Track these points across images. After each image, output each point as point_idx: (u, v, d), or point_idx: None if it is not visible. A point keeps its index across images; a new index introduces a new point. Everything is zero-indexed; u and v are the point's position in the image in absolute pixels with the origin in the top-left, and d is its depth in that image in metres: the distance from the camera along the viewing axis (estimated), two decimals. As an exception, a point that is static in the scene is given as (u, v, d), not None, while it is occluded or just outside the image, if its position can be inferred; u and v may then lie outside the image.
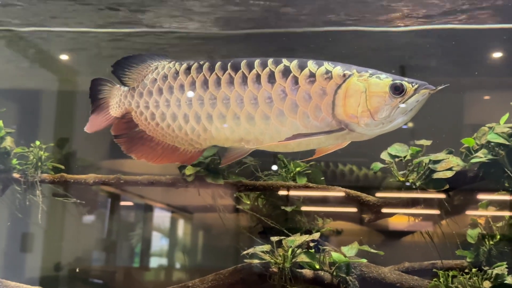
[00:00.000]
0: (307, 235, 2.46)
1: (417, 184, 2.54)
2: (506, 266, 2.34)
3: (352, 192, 2.67)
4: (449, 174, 2.50)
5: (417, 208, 2.65)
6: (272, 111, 1.99)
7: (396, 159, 2.57)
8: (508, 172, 2.45)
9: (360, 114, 1.92)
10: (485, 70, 3.26)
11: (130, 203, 3.67)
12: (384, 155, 2.56)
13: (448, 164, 2.52)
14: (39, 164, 2.78)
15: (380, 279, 2.57)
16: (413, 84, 1.92)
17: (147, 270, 3.72)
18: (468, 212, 2.70)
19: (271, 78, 1.99)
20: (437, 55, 3.19)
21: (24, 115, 3.63)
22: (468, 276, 2.38)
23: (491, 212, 2.60)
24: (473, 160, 2.50)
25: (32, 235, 3.39)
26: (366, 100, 1.92)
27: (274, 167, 2.88)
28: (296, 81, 1.97)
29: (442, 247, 2.68)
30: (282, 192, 2.79)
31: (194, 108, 2.08)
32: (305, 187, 2.74)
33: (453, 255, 2.62)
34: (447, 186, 2.51)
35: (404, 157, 2.56)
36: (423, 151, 2.56)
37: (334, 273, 2.47)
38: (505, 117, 2.49)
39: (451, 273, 2.41)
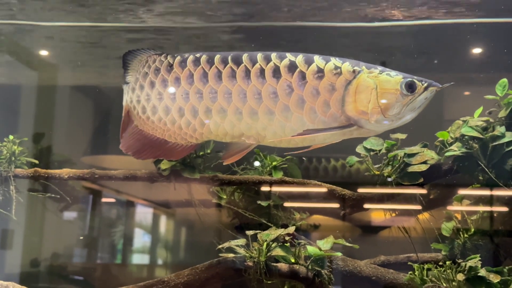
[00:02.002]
0: (282, 229, 2.45)
1: (392, 177, 2.54)
2: (480, 258, 2.35)
3: (328, 185, 2.67)
4: (423, 167, 2.51)
5: (392, 202, 2.66)
6: (276, 106, 1.96)
7: (371, 153, 2.57)
8: (482, 165, 2.46)
9: (371, 111, 1.93)
10: (465, 66, 3.27)
11: (111, 200, 3.65)
12: (359, 149, 2.57)
13: (423, 158, 2.53)
14: (13, 158, 2.76)
15: (356, 273, 2.57)
16: (422, 82, 1.95)
17: (128, 266, 3.71)
18: (445, 206, 2.71)
19: (276, 72, 1.97)
20: (417, 51, 3.20)
21: (1, 111, 3.59)
22: (442, 269, 2.38)
23: (468, 207, 2.61)
24: (447, 154, 2.51)
25: (11, 231, 3.36)
26: (377, 96, 1.92)
27: (257, 163, 2.87)
28: (303, 76, 1.96)
29: (421, 241, 2.69)
30: (258, 187, 2.79)
31: (191, 101, 2.03)
32: (281, 181, 2.73)
33: (431, 248, 2.64)
34: (421, 180, 2.51)
35: (379, 150, 2.57)
36: (399, 145, 2.57)
37: (309, 267, 2.47)
38: (479, 110, 2.51)
39: (426, 266, 2.42)
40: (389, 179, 2.55)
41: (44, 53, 3.63)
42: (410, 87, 1.93)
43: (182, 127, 2.07)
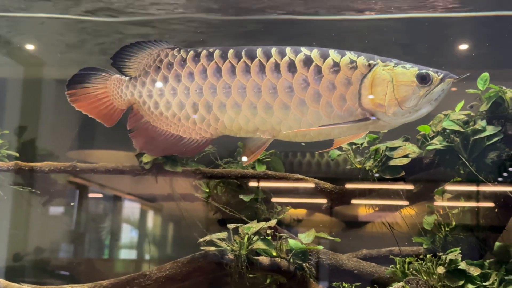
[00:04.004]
0: (264, 222, 2.45)
1: (374, 171, 2.55)
2: (460, 252, 2.36)
3: (310, 179, 2.67)
4: (405, 161, 2.52)
5: (374, 196, 2.66)
6: (292, 101, 1.95)
7: (353, 146, 2.58)
8: (463, 159, 2.47)
9: (387, 103, 1.92)
10: (451, 61, 3.28)
11: (95, 194, 3.64)
12: (341, 143, 2.57)
13: (404, 151, 2.53)
14: (-7, 151, 2.75)
15: (338, 266, 2.58)
16: (438, 74, 1.93)
17: (114, 261, 3.70)
18: (427, 200, 2.72)
19: (292, 67, 1.95)
20: (402, 45, 3.20)
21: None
22: (423, 262, 2.39)
23: (449, 201, 2.62)
24: (428, 147, 2.52)
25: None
26: (393, 89, 1.91)
27: (244, 159, 2.86)
28: (319, 70, 1.94)
29: (404, 235, 2.70)
30: (241, 180, 2.78)
31: (205, 96, 2.01)
32: (264, 175, 2.73)
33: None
34: (403, 173, 2.52)
35: (361, 144, 2.57)
36: (380, 139, 2.57)
37: (291, 260, 2.47)
38: (460, 104, 2.52)
39: (407, 260, 2.43)
40: (371, 173, 2.55)
41: (30, 47, 3.61)
42: (424, 79, 1.92)
43: (196, 122, 2.04)
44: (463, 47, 3.15)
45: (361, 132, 2.02)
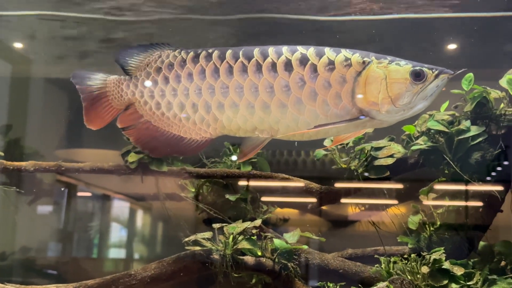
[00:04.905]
0: (249, 222, 2.45)
1: (359, 171, 2.55)
2: (444, 251, 2.37)
3: (295, 179, 2.68)
4: (390, 161, 2.53)
5: (360, 195, 2.67)
6: (289, 100, 1.95)
7: (339, 146, 2.58)
8: (447, 158, 2.48)
9: (381, 101, 1.91)
10: (440, 61, 3.28)
11: (82, 193, 3.63)
12: (327, 142, 2.57)
13: (389, 151, 2.54)
14: (-23, 150, 2.73)
15: (323, 266, 2.58)
16: (433, 70, 1.92)
17: (101, 260, 3.69)
18: (413, 200, 2.73)
19: (288, 66, 1.95)
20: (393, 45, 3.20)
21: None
22: (407, 261, 2.40)
23: (433, 201, 2.62)
24: (413, 147, 2.53)
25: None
26: (386, 87, 1.91)
27: (234, 158, 2.86)
28: (315, 68, 1.94)
29: (389, 234, 2.71)
30: (227, 180, 2.78)
31: (204, 97, 2.02)
32: (249, 175, 2.73)
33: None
34: (388, 173, 2.53)
35: (347, 144, 2.57)
36: (366, 139, 2.58)
37: (276, 260, 2.47)
38: (445, 104, 2.52)
39: (392, 259, 2.43)
40: (356, 173, 2.56)
41: (18, 45, 3.59)
42: (418, 76, 1.91)
43: (196, 122, 2.05)
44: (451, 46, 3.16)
45: (359, 129, 2.03)
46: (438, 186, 2.56)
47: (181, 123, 2.07)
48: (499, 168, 2.53)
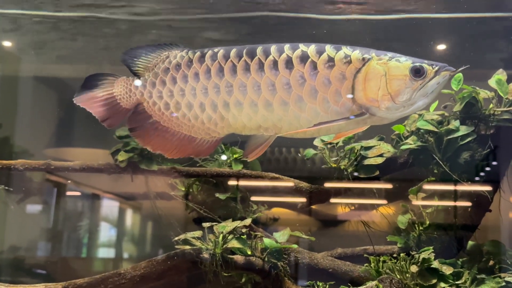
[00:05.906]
0: (238, 221, 2.45)
1: (349, 170, 2.56)
2: (433, 251, 2.38)
3: (285, 178, 2.68)
4: (379, 160, 2.53)
5: (350, 195, 2.68)
6: (290, 97, 1.95)
7: (329, 145, 2.58)
8: (437, 158, 2.49)
9: (380, 98, 1.90)
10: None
11: (71, 193, 3.61)
12: (317, 142, 2.58)
13: (379, 151, 2.55)
14: (-34, 149, 2.72)
15: (313, 265, 2.59)
16: (433, 66, 1.90)
17: (90, 260, 3.68)
18: (402, 199, 2.74)
19: (289, 64, 1.95)
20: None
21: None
22: (397, 261, 2.41)
23: (423, 200, 2.64)
24: (403, 147, 2.54)
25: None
26: (386, 83, 1.89)
27: (224, 157, 2.86)
28: (315, 66, 1.94)
29: (379, 233, 2.72)
30: (217, 179, 2.78)
31: (210, 96, 2.02)
32: (240, 174, 2.73)
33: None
34: (377, 172, 2.53)
35: (337, 143, 2.58)
36: (355, 138, 2.59)
37: (266, 259, 2.47)
38: (435, 104, 2.53)
39: (381, 259, 2.44)
40: (346, 173, 2.56)
41: (7, 43, 3.57)
42: (418, 72, 1.89)
43: (204, 121, 2.05)
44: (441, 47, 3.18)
45: (360, 126, 2.02)
46: (427, 186, 2.58)
47: (191, 123, 2.07)
48: (488, 168, 2.54)
